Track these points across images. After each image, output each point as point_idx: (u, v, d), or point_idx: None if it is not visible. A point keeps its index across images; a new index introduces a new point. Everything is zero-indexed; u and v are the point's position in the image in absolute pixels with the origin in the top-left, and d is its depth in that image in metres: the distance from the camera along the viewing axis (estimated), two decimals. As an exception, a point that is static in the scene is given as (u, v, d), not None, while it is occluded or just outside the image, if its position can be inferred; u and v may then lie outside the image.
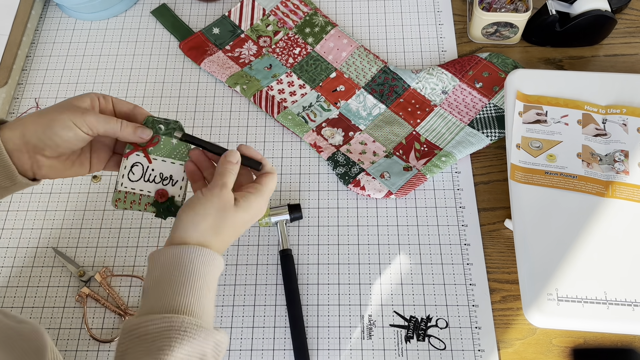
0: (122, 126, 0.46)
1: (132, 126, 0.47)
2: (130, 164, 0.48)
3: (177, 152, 0.49)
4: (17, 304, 0.60)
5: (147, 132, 0.47)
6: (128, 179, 0.48)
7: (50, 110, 0.45)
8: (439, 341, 0.56)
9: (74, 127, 0.44)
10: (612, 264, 0.54)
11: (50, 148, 0.44)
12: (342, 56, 0.74)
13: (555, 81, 0.65)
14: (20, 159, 0.45)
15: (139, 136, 0.47)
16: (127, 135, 0.46)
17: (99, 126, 0.45)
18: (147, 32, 0.78)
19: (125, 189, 0.48)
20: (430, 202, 0.64)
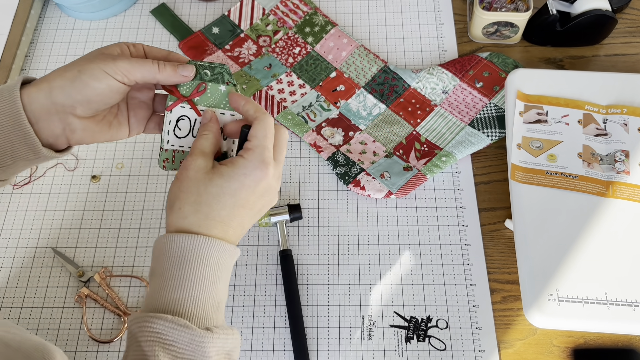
0: (160, 67, 0.40)
1: (171, 65, 0.40)
2: (176, 117, 0.42)
3: (227, 100, 0.43)
4: (17, 304, 0.60)
5: (190, 68, 0.41)
6: (174, 136, 0.43)
7: (78, 61, 0.40)
8: (439, 342, 0.56)
9: (106, 75, 0.38)
10: (613, 264, 0.54)
11: (82, 104, 0.39)
12: (342, 56, 0.73)
13: (555, 81, 0.65)
14: (50, 123, 0.39)
15: (182, 75, 0.41)
16: (167, 76, 0.40)
17: (134, 71, 0.39)
18: (146, 31, 0.78)
19: (172, 147, 0.43)
20: (430, 202, 0.64)
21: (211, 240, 0.39)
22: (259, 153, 0.40)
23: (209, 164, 0.40)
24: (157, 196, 0.66)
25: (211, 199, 0.39)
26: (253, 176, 0.39)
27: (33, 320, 0.59)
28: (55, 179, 0.67)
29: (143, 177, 0.67)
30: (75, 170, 0.68)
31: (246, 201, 0.40)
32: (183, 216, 0.39)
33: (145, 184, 0.66)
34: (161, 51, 0.43)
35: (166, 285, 0.38)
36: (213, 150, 0.42)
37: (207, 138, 0.42)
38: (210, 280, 0.39)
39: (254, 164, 0.39)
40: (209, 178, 0.39)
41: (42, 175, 0.67)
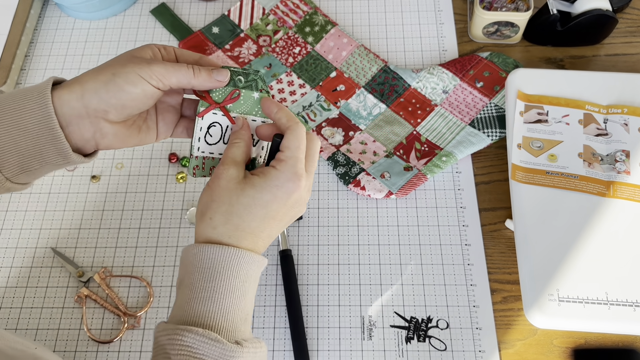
0: (196, 72, 0.39)
1: (206, 70, 0.39)
2: (207, 124, 0.42)
3: (259, 107, 0.43)
4: (16, 305, 0.59)
5: (225, 73, 0.40)
6: (205, 142, 0.42)
7: (110, 63, 0.38)
8: (440, 342, 0.56)
9: (142, 80, 0.37)
10: (613, 265, 0.54)
11: (115, 109, 0.38)
12: (342, 55, 0.73)
13: (556, 81, 0.65)
14: (81, 127, 0.38)
15: (217, 80, 0.40)
16: (202, 81, 0.39)
17: (169, 76, 0.38)
18: (146, 31, 0.78)
19: (202, 154, 0.42)
20: (430, 202, 0.64)
21: (241, 252, 0.38)
22: (292, 165, 0.39)
23: (240, 173, 0.40)
24: (156, 196, 0.65)
25: (242, 210, 0.39)
26: (285, 188, 0.39)
27: (33, 320, 0.58)
28: (55, 179, 0.67)
29: (143, 177, 0.67)
30: (75, 170, 0.68)
31: (277, 212, 0.40)
32: (213, 226, 0.39)
33: (145, 184, 0.66)
34: (193, 55, 0.42)
35: (195, 297, 0.38)
36: (245, 158, 0.41)
37: (239, 146, 0.41)
38: (239, 292, 0.38)
39: (286, 176, 0.39)
40: (240, 188, 0.39)
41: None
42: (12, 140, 0.37)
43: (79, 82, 0.38)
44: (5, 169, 0.38)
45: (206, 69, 0.40)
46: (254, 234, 0.39)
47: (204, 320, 0.37)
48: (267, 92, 0.43)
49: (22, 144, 0.37)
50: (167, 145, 0.69)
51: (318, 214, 0.64)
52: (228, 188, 0.39)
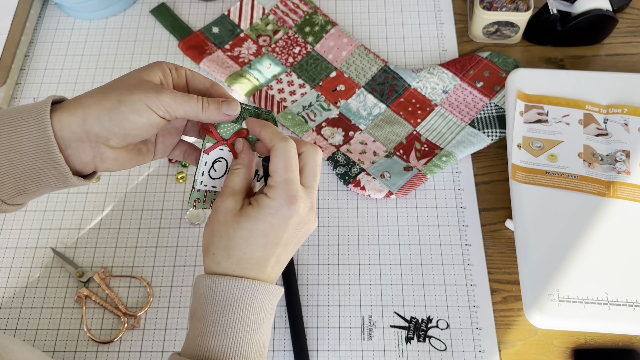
0: (204, 105, 0.37)
1: (214, 103, 0.38)
2: (212, 159, 0.41)
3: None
4: (16, 305, 0.59)
5: (235, 106, 0.38)
6: (209, 177, 0.42)
7: (116, 88, 0.36)
8: (440, 342, 0.56)
9: (148, 110, 0.35)
10: (614, 265, 0.54)
11: (118, 137, 0.36)
12: (342, 55, 0.73)
13: (556, 81, 0.65)
14: (80, 151, 0.37)
15: (225, 114, 0.38)
16: (210, 116, 0.38)
17: (177, 108, 0.36)
18: (146, 31, 0.78)
19: (205, 188, 0.42)
20: (430, 202, 0.64)
21: (254, 284, 0.38)
22: (282, 189, 0.37)
23: (238, 204, 0.39)
24: (156, 196, 0.65)
25: (241, 243, 0.38)
26: (280, 215, 0.37)
27: (32, 320, 0.58)
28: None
29: (143, 177, 0.67)
30: (74, 170, 0.68)
31: (279, 239, 0.38)
32: (216, 262, 0.39)
33: (145, 184, 0.66)
34: (204, 81, 0.40)
35: (208, 331, 0.37)
36: (245, 185, 0.40)
37: (239, 174, 0.40)
38: (254, 325, 0.38)
39: (279, 203, 0.37)
40: (236, 221, 0.38)
41: (41, 175, 0.67)
42: (9, 163, 0.35)
43: (81, 105, 0.36)
44: (1, 192, 0.37)
45: (215, 102, 0.38)
46: (259, 264, 0.39)
47: (217, 355, 0.36)
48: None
49: (20, 167, 0.36)
50: (167, 145, 0.69)
51: (318, 214, 0.64)
52: (225, 222, 0.38)
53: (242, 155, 0.41)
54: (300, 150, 0.40)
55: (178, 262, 0.61)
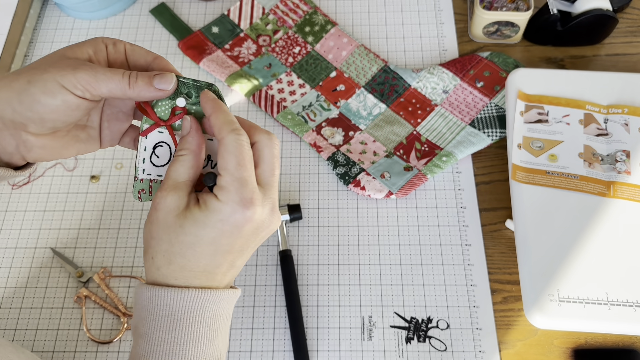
0: (131, 81, 0.32)
1: (144, 78, 0.32)
2: (152, 143, 0.36)
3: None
4: (16, 305, 0.59)
5: (169, 79, 0.33)
6: (151, 164, 0.36)
7: (33, 66, 0.32)
8: (440, 342, 0.56)
9: (62, 89, 0.31)
10: (614, 265, 0.54)
11: (34, 122, 0.32)
12: (342, 55, 0.73)
13: (556, 80, 0.65)
14: (1, 140, 0.33)
15: (157, 89, 0.33)
16: (139, 92, 0.32)
17: (98, 85, 0.31)
18: (145, 31, 0.78)
19: (148, 177, 0.36)
20: (431, 203, 0.64)
21: (203, 293, 0.32)
22: (235, 191, 0.32)
23: (182, 201, 0.33)
24: (156, 196, 0.65)
25: (185, 249, 0.32)
26: (233, 222, 0.32)
27: (32, 320, 0.58)
28: (55, 179, 0.67)
29: (142, 177, 0.67)
30: (74, 170, 0.68)
31: (231, 247, 0.33)
32: (156, 267, 0.33)
33: (144, 184, 0.66)
34: (146, 55, 0.35)
35: (153, 350, 0.32)
36: (192, 176, 0.34)
37: (183, 162, 0.34)
38: (206, 338, 0.33)
39: (231, 207, 0.32)
40: (179, 224, 0.32)
41: (41, 176, 0.67)
42: None
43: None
44: None
45: (145, 76, 0.33)
46: (207, 272, 0.33)
47: None
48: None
49: None
50: (166, 145, 0.69)
51: (318, 214, 0.63)
52: (166, 223, 0.33)
53: (188, 138, 0.34)
54: (253, 140, 0.34)
55: (178, 262, 0.61)
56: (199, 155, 0.34)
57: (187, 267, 0.33)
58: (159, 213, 0.33)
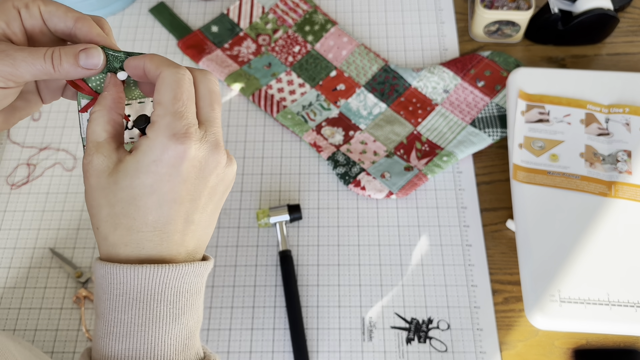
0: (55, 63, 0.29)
1: (69, 56, 0.30)
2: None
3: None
4: (15, 305, 0.59)
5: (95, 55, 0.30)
6: None
7: None
8: (441, 343, 0.56)
9: None
10: (615, 265, 0.54)
11: None
12: (342, 54, 0.73)
13: (557, 80, 0.64)
14: None
15: (85, 68, 0.30)
16: (67, 73, 0.30)
17: (21, 73, 0.29)
18: (145, 30, 0.78)
19: None
20: (431, 203, 0.63)
21: (161, 269, 0.29)
22: (166, 125, 0.28)
23: (110, 160, 0.30)
24: (156, 196, 0.65)
25: (127, 207, 0.29)
26: (166, 161, 0.29)
27: (31, 321, 0.58)
28: (54, 179, 0.67)
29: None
30: (73, 170, 0.67)
31: (176, 194, 0.30)
32: (103, 237, 0.30)
33: (144, 184, 0.66)
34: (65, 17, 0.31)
35: (110, 332, 0.30)
36: (113, 132, 0.31)
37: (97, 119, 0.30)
38: (169, 317, 0.30)
39: (162, 144, 0.28)
40: (113, 181, 0.29)
41: (40, 176, 0.67)
42: None
43: None
44: None
45: (70, 54, 0.30)
46: (158, 230, 0.30)
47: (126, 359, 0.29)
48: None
49: None
50: (166, 145, 0.68)
51: (318, 214, 0.63)
52: (100, 186, 0.30)
53: (103, 93, 0.31)
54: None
55: (177, 262, 0.61)
56: (114, 109, 0.31)
57: (135, 228, 0.30)
58: (91, 179, 0.30)
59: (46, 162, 0.68)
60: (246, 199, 0.64)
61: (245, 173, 0.66)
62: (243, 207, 0.64)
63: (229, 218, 0.63)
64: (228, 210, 0.64)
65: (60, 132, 0.70)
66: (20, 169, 0.67)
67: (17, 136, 0.70)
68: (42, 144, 0.69)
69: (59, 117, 0.71)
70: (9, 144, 0.69)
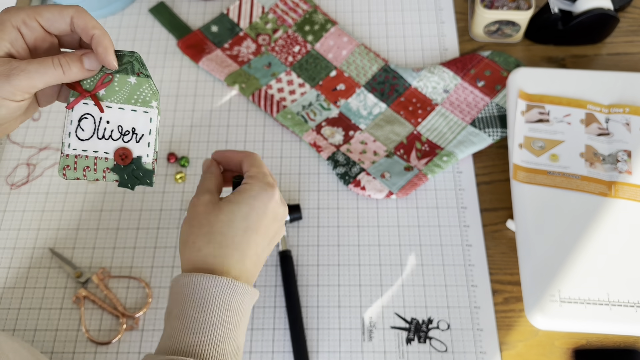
0: (65, 68, 0.33)
1: (75, 61, 0.34)
2: (78, 116, 0.36)
3: (138, 94, 0.37)
4: (14, 306, 0.59)
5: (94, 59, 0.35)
6: (77, 138, 0.37)
7: None
8: (441, 343, 0.56)
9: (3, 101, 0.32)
10: (615, 265, 0.54)
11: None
12: (342, 54, 0.73)
13: (557, 80, 0.64)
14: None
15: (89, 70, 0.34)
16: (74, 76, 0.34)
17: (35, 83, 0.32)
18: (145, 30, 0.78)
19: (74, 152, 0.37)
20: (431, 203, 0.63)
21: (233, 283, 0.38)
22: (261, 178, 0.41)
23: (215, 198, 0.41)
24: (154, 196, 0.65)
25: (224, 227, 0.39)
26: (261, 198, 0.40)
27: (30, 321, 0.58)
28: (53, 179, 0.67)
29: (141, 177, 0.66)
30: (73, 170, 0.67)
31: (259, 225, 0.40)
32: (197, 249, 0.39)
33: (143, 184, 0.66)
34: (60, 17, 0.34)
35: (185, 327, 0.37)
36: (218, 189, 0.43)
37: (210, 178, 0.43)
38: (231, 323, 0.37)
39: (260, 186, 0.41)
40: (218, 208, 0.40)
41: (39, 176, 0.67)
42: None
43: None
44: None
45: (75, 60, 0.34)
46: (239, 250, 0.39)
47: (194, 350, 0.36)
48: (146, 75, 0.37)
49: None
50: (165, 145, 0.68)
51: (318, 214, 0.63)
52: (206, 212, 0.40)
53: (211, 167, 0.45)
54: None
55: (177, 262, 0.61)
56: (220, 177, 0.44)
57: (224, 244, 0.39)
58: (198, 207, 0.40)
59: (46, 162, 0.68)
60: (246, 199, 0.64)
61: (245, 173, 0.66)
62: (243, 207, 0.64)
63: (229, 218, 0.63)
64: (228, 210, 0.64)
65: (60, 132, 0.70)
66: (20, 168, 0.67)
67: (17, 136, 0.70)
68: (41, 144, 0.69)
69: (58, 117, 0.71)
70: (9, 144, 0.69)
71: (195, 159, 0.67)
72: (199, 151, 0.68)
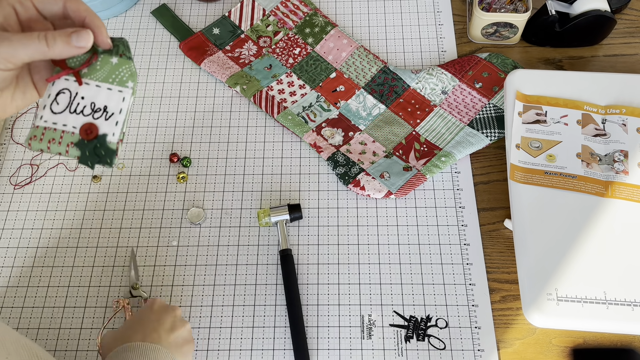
0: (50, 41, 0.33)
1: (62, 36, 0.33)
2: (56, 91, 0.37)
3: (116, 74, 0.37)
4: (17, 304, 0.60)
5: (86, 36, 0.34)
6: (50, 111, 0.37)
7: None
8: (439, 341, 0.56)
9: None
10: (612, 264, 0.54)
11: None
12: (342, 56, 0.74)
13: (554, 81, 0.65)
14: None
15: (76, 46, 0.34)
16: (60, 51, 0.34)
17: (17, 53, 0.32)
18: (147, 32, 0.79)
19: (44, 124, 0.37)
20: (430, 202, 0.64)
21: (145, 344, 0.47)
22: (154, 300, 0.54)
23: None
24: (157, 196, 0.66)
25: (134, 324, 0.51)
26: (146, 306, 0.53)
27: (34, 320, 0.59)
28: (56, 179, 0.67)
29: (144, 177, 0.67)
30: (76, 170, 0.68)
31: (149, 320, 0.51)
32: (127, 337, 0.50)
33: (146, 184, 0.67)
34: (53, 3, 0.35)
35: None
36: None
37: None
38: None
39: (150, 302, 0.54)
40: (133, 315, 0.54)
41: (43, 176, 0.68)
42: None
43: None
44: None
45: (63, 35, 0.34)
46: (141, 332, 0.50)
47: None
48: (128, 57, 0.38)
49: None
50: (167, 145, 0.69)
51: (318, 214, 0.64)
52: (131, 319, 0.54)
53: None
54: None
55: (179, 261, 0.62)
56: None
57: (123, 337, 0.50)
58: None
59: (49, 163, 0.68)
60: (247, 198, 0.65)
61: (246, 173, 0.67)
62: (244, 206, 0.65)
63: (230, 217, 0.64)
64: (229, 210, 0.64)
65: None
66: (23, 169, 0.68)
67: (21, 137, 0.70)
68: (45, 145, 0.69)
69: (61, 118, 0.71)
70: (13, 145, 0.70)
71: (197, 159, 0.68)
72: (200, 152, 0.69)
